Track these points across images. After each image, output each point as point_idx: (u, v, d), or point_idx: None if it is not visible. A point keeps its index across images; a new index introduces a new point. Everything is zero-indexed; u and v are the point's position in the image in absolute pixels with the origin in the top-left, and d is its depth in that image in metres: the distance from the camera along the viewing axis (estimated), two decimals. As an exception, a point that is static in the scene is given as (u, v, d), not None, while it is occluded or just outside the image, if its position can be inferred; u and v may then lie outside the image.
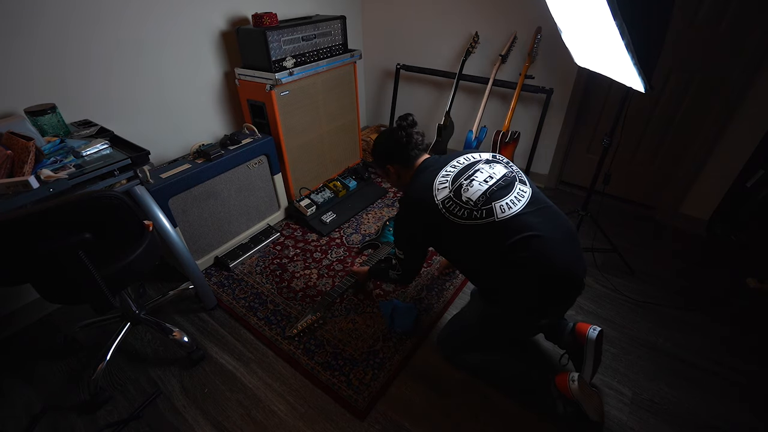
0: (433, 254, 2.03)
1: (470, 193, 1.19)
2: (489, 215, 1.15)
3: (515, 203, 1.17)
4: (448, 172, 1.27)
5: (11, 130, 1.30)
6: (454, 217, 1.18)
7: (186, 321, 1.72)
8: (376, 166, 1.48)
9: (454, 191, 1.21)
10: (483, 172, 1.24)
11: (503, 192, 1.19)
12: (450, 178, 1.25)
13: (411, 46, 2.77)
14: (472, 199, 1.18)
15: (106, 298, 1.18)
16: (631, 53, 1.12)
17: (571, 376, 1.21)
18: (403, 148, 1.36)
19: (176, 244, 1.55)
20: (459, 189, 1.21)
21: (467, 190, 1.20)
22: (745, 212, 1.96)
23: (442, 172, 1.27)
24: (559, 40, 1.87)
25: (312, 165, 2.44)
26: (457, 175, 1.24)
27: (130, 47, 1.75)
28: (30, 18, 1.45)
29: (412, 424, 1.30)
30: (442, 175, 1.26)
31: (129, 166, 1.37)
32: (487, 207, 1.16)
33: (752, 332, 1.59)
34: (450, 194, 1.21)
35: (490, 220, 1.15)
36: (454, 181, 1.23)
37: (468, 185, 1.21)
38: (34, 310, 1.75)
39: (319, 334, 1.62)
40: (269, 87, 1.98)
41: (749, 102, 1.81)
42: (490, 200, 1.17)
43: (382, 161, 1.43)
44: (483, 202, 1.17)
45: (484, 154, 1.34)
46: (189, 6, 1.89)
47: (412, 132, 1.36)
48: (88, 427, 1.33)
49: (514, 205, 1.17)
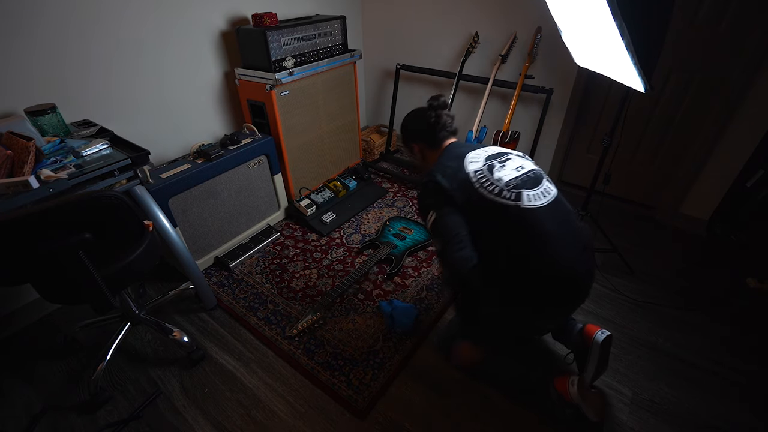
0: (432, 255, 2.04)
1: (502, 173, 1.18)
2: (517, 199, 1.14)
3: (540, 198, 1.16)
4: (478, 154, 1.26)
5: (11, 130, 1.30)
6: (484, 189, 1.16)
7: (186, 321, 1.72)
8: (403, 141, 1.47)
9: (487, 167, 1.20)
10: (514, 161, 1.24)
11: (532, 184, 1.18)
12: (482, 157, 1.24)
13: (411, 46, 2.77)
14: (504, 180, 1.17)
15: (106, 298, 1.18)
16: (631, 53, 1.12)
17: (570, 380, 1.20)
18: (431, 129, 1.34)
19: (176, 244, 1.55)
20: (492, 167, 1.20)
21: (500, 170, 1.19)
22: (745, 212, 1.96)
23: (472, 152, 1.27)
24: (559, 40, 1.87)
25: (312, 165, 2.44)
26: (489, 157, 1.24)
27: (130, 47, 1.75)
28: (30, 18, 1.45)
29: (412, 424, 1.30)
30: (472, 153, 1.26)
31: (129, 166, 1.37)
32: (517, 191, 1.15)
33: (752, 332, 1.58)
34: (483, 167, 1.20)
35: (517, 204, 1.13)
36: (486, 160, 1.23)
37: (500, 167, 1.20)
38: (34, 310, 1.75)
39: (319, 334, 1.62)
40: (269, 87, 1.98)
41: (749, 102, 1.81)
42: (520, 187, 1.16)
43: (408, 138, 1.43)
44: (513, 186, 1.16)
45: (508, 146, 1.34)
46: (189, 6, 1.89)
47: (441, 114, 1.34)
48: (88, 427, 1.33)
49: (538, 199, 1.15)
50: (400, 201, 2.51)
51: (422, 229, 2.17)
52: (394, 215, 2.35)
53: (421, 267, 1.96)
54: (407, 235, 2.11)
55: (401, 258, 1.96)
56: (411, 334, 1.60)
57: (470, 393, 1.39)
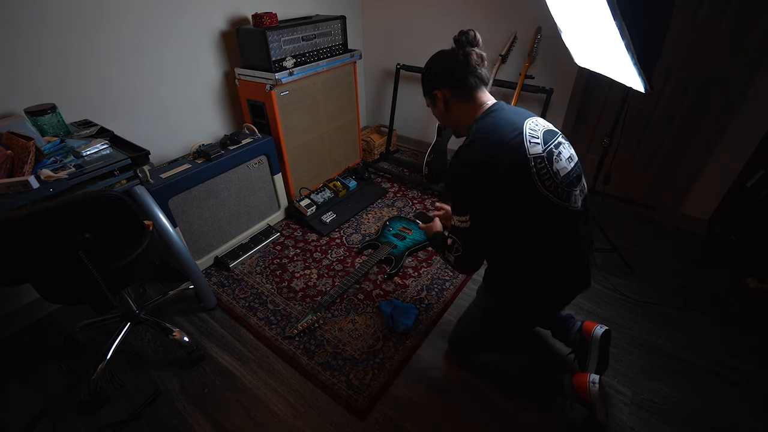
0: (432, 255, 2.04)
1: (560, 165, 0.99)
2: (566, 200, 1.01)
3: (579, 198, 1.05)
4: (536, 128, 1.01)
5: (11, 130, 1.30)
6: (541, 183, 0.97)
7: (186, 321, 1.72)
8: (423, 92, 1.22)
9: (547, 153, 0.98)
10: (566, 148, 1.04)
11: (577, 180, 1.05)
12: (540, 135, 1.00)
13: (411, 46, 2.77)
14: (560, 174, 0.99)
15: (106, 298, 1.18)
16: (631, 53, 1.12)
17: (591, 378, 1.17)
18: (459, 68, 1.05)
19: (176, 244, 1.55)
20: (551, 155, 0.99)
21: (558, 160, 0.99)
22: (745, 212, 1.96)
23: (530, 122, 1.02)
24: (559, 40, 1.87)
25: (312, 165, 2.44)
26: (548, 138, 1.00)
27: (130, 47, 1.75)
28: (30, 18, 1.45)
29: (412, 424, 1.30)
30: (531, 125, 1.01)
31: (129, 166, 1.37)
32: (568, 191, 1.01)
33: (752, 332, 1.58)
34: (543, 154, 0.97)
35: (566, 205, 1.01)
36: (545, 143, 0.99)
37: (558, 156, 1.00)
38: (34, 310, 1.75)
39: (319, 334, 1.62)
40: (269, 87, 1.98)
41: (749, 102, 1.81)
42: (571, 185, 1.01)
43: (430, 84, 1.16)
44: (567, 184, 1.00)
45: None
46: (189, 6, 1.89)
47: (472, 52, 1.04)
48: (88, 427, 1.33)
49: (578, 200, 1.05)
50: (400, 201, 2.51)
51: (422, 229, 2.17)
52: (394, 215, 2.35)
53: (421, 267, 1.96)
54: (407, 235, 2.11)
55: (401, 258, 1.96)
56: (411, 334, 1.60)
57: (470, 393, 1.39)
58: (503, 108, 1.06)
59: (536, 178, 0.96)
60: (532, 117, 1.06)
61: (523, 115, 1.05)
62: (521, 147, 0.97)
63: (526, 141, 0.97)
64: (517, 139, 0.97)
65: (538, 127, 1.02)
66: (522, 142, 0.97)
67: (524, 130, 0.98)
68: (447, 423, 1.31)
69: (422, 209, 2.41)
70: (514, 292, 1.19)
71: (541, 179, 0.97)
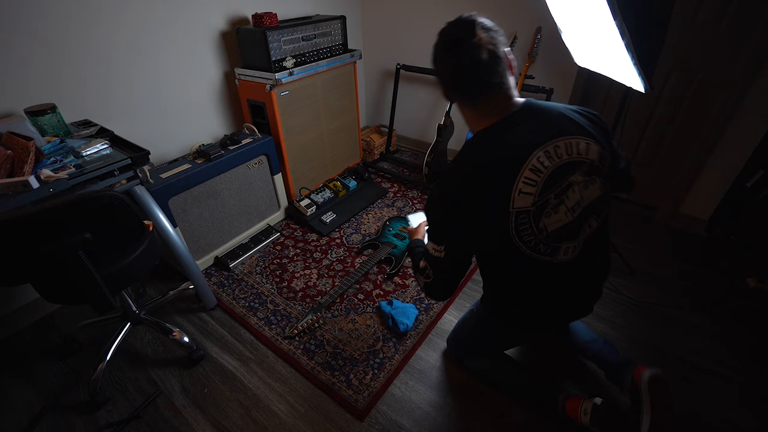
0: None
1: (551, 220, 0.89)
2: (551, 255, 0.92)
3: (572, 250, 0.94)
4: (539, 168, 0.85)
5: (11, 130, 1.30)
6: (519, 238, 0.89)
7: (186, 321, 1.72)
8: None
9: (537, 206, 0.87)
10: (575, 192, 0.89)
11: (572, 234, 0.92)
12: (547, 173, 0.85)
13: (411, 46, 2.77)
14: (548, 230, 0.89)
15: (106, 298, 1.18)
16: (630, 53, 1.12)
17: (583, 408, 1.12)
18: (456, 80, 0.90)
19: (176, 244, 1.55)
20: (542, 208, 0.87)
21: (549, 215, 0.88)
22: (745, 212, 1.96)
23: (541, 154, 0.85)
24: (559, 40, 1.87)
25: (312, 165, 2.44)
26: (549, 182, 0.86)
27: (130, 47, 1.75)
28: (30, 18, 1.45)
29: (412, 425, 1.30)
30: (539, 159, 0.85)
31: (129, 166, 1.37)
32: (555, 245, 0.91)
33: (752, 332, 1.58)
34: (532, 208, 0.86)
35: (548, 260, 0.93)
36: (543, 190, 0.86)
37: (554, 208, 0.88)
38: (34, 310, 1.75)
39: (319, 334, 1.62)
40: (269, 87, 1.98)
41: (749, 102, 1.81)
42: (563, 238, 0.91)
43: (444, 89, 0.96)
44: (554, 238, 0.90)
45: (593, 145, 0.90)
46: (189, 6, 1.89)
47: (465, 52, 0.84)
48: (88, 427, 1.33)
49: (574, 251, 0.94)
50: (400, 201, 2.51)
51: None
52: (394, 215, 2.35)
53: (421, 267, 1.95)
54: (407, 235, 2.11)
55: (401, 258, 1.96)
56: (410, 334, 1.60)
57: (470, 393, 1.39)
58: (516, 124, 0.88)
59: (513, 233, 0.87)
60: (557, 140, 0.87)
61: (542, 137, 0.86)
62: (504, 195, 0.85)
63: (515, 188, 0.84)
64: (503, 183, 0.85)
65: (550, 162, 0.85)
66: (508, 189, 0.84)
67: (521, 170, 0.84)
68: (446, 423, 1.31)
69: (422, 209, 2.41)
70: (501, 308, 1.16)
71: (519, 234, 0.88)
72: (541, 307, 1.07)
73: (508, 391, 1.37)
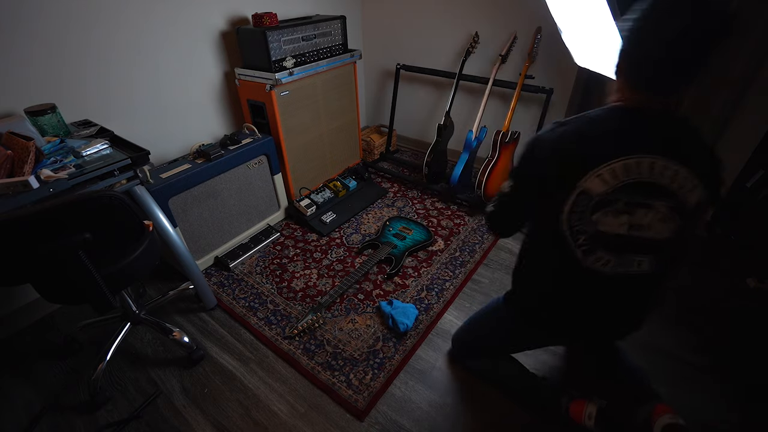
0: (432, 255, 2.04)
1: (607, 220, 0.83)
2: (585, 254, 0.88)
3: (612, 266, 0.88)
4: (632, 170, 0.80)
5: (11, 130, 1.30)
6: (568, 216, 0.85)
7: (186, 321, 1.72)
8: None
9: (600, 199, 0.82)
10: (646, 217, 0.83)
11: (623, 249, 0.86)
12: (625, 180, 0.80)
13: (411, 46, 2.77)
14: (597, 227, 0.84)
15: (106, 298, 1.18)
16: None
17: (588, 412, 1.10)
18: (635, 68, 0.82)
19: (176, 244, 1.55)
20: (604, 205, 0.82)
21: (607, 215, 0.83)
22: (745, 212, 1.96)
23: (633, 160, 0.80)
24: (559, 40, 1.87)
25: (312, 165, 2.44)
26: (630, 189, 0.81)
27: (130, 47, 1.75)
28: (30, 18, 1.45)
29: (412, 425, 1.30)
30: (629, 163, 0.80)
31: (129, 166, 1.37)
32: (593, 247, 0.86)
33: (752, 332, 1.58)
34: (595, 197, 0.82)
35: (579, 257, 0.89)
36: (618, 191, 0.81)
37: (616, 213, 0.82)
38: (34, 310, 1.75)
39: (319, 334, 1.62)
40: (269, 87, 1.98)
41: (749, 102, 1.81)
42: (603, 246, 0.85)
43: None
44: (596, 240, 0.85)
45: (699, 190, 0.82)
46: (189, 6, 1.89)
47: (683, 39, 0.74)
48: (88, 427, 1.33)
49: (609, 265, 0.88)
50: (400, 201, 2.51)
51: (422, 229, 2.17)
52: (394, 215, 2.35)
53: (421, 267, 1.96)
54: (407, 235, 2.11)
55: (401, 258, 1.96)
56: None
57: (470, 393, 1.39)
58: (635, 121, 0.83)
59: (566, 210, 0.84)
60: (672, 163, 0.79)
61: (660, 149, 0.80)
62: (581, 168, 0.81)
63: (595, 170, 0.80)
64: (591, 158, 0.81)
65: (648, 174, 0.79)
66: (588, 166, 0.81)
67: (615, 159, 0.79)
68: (447, 423, 1.31)
69: (422, 209, 2.41)
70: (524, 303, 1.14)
71: (571, 214, 0.84)
72: (563, 311, 1.04)
73: (511, 392, 1.37)
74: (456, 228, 2.23)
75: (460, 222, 2.28)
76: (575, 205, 0.84)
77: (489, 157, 2.28)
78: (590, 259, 0.88)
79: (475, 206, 2.37)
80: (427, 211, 2.39)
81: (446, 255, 2.03)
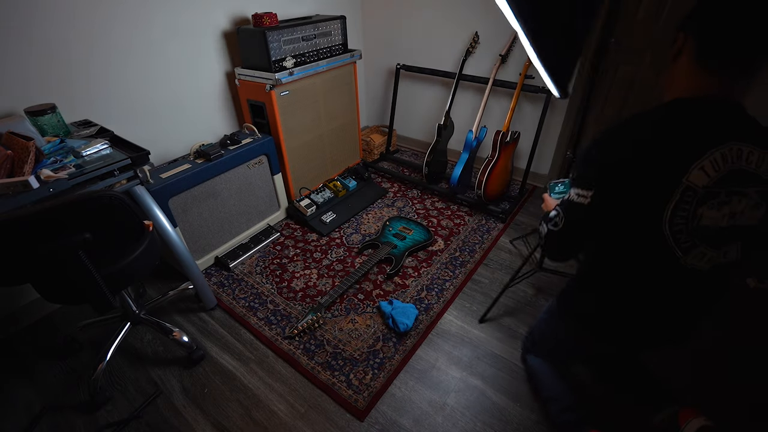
0: (432, 255, 2.04)
1: (710, 213, 0.79)
2: (685, 251, 0.83)
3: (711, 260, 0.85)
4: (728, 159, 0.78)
5: (11, 130, 1.30)
6: (667, 221, 0.79)
7: (186, 321, 1.72)
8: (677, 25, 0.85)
9: (705, 192, 0.77)
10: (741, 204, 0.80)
11: (722, 243, 0.83)
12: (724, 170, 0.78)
13: (411, 46, 2.77)
14: (701, 221, 0.80)
15: (106, 298, 1.18)
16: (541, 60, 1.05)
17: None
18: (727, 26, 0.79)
19: (176, 244, 1.55)
20: (709, 198, 0.78)
21: (713, 207, 0.79)
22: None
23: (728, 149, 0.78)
24: (559, 40, 1.86)
25: (312, 165, 2.44)
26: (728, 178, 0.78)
27: (131, 47, 1.75)
28: (30, 18, 1.45)
29: (412, 425, 1.30)
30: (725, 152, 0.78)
31: (129, 166, 1.37)
32: (694, 243, 0.82)
33: (752, 332, 1.58)
34: (701, 189, 0.77)
35: (679, 255, 0.83)
36: (720, 181, 0.77)
37: (718, 204, 0.79)
38: (34, 310, 1.75)
39: (319, 334, 1.62)
40: (269, 87, 1.98)
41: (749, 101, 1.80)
42: (705, 240, 0.82)
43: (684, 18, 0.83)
44: (702, 236, 0.81)
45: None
46: (190, 6, 1.89)
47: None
48: (88, 427, 1.33)
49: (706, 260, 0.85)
50: (400, 201, 2.51)
51: (422, 229, 2.17)
52: (394, 215, 2.35)
53: (421, 267, 1.96)
54: (407, 235, 2.11)
55: (401, 258, 1.96)
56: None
57: (470, 393, 1.39)
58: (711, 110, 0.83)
59: (669, 210, 0.78)
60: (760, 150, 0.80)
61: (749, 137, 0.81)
62: (684, 161, 0.77)
63: (698, 161, 0.77)
64: (692, 149, 0.77)
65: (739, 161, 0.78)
66: (691, 158, 0.77)
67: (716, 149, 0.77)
68: (446, 423, 1.31)
69: (422, 209, 2.41)
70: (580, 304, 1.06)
71: (674, 213, 0.78)
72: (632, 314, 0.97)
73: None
74: (456, 228, 2.23)
75: (460, 222, 2.28)
76: (680, 204, 0.78)
77: (489, 157, 2.28)
78: (690, 257, 0.84)
79: (476, 206, 2.38)
80: (427, 211, 2.39)
81: (446, 255, 2.03)
